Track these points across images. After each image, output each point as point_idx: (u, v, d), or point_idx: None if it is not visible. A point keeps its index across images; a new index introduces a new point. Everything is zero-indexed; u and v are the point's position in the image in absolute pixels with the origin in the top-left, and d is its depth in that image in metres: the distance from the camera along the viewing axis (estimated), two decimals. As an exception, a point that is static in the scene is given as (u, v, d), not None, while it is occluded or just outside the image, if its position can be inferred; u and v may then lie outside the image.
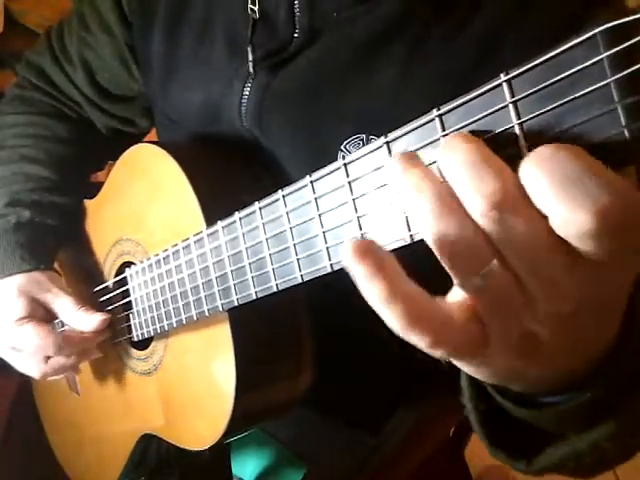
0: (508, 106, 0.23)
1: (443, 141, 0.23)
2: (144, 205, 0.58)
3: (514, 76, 0.22)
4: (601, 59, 0.20)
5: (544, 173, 0.20)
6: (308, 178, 0.32)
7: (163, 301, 0.51)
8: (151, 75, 0.62)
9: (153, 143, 0.57)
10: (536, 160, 0.20)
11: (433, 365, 0.28)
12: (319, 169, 0.32)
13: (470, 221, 0.22)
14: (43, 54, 0.71)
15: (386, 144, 0.27)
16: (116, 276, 0.63)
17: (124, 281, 0.59)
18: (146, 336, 0.58)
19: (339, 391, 0.67)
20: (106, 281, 0.64)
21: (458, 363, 0.25)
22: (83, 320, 0.58)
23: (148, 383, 0.61)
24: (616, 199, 0.19)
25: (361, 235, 0.30)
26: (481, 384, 0.31)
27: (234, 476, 0.75)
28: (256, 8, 0.50)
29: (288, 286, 0.36)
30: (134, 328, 0.59)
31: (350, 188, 0.30)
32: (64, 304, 0.60)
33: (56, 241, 0.67)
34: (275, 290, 0.37)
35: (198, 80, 0.57)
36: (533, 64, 0.22)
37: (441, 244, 0.22)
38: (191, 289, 0.47)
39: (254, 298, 0.40)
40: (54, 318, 0.61)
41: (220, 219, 0.42)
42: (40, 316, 0.60)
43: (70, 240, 0.69)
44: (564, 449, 0.30)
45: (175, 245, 0.48)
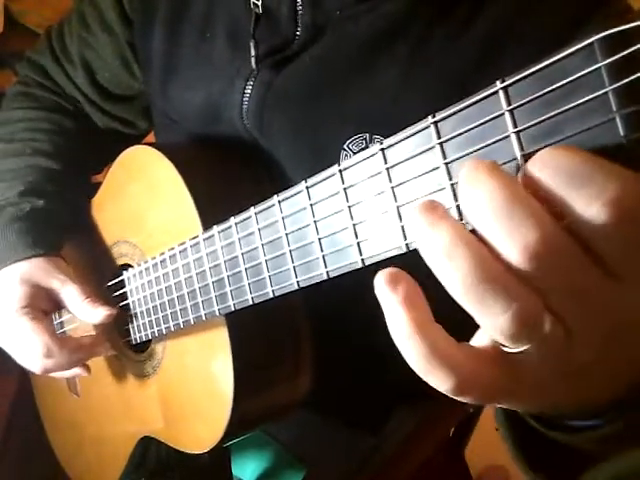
0: (504, 114, 0.22)
1: (463, 170, 0.21)
2: (141, 208, 0.58)
3: (510, 84, 0.22)
4: (599, 67, 0.19)
5: (549, 176, 0.19)
6: (304, 184, 0.32)
7: (160, 304, 0.51)
8: (151, 74, 0.62)
9: (150, 145, 0.56)
10: (538, 165, 0.20)
11: None
12: (320, 170, 0.31)
13: (519, 285, 0.19)
14: (44, 54, 0.71)
15: (381, 151, 0.27)
16: (114, 278, 0.62)
17: (122, 283, 0.59)
18: (144, 339, 0.58)
19: (339, 392, 0.67)
20: (105, 282, 0.64)
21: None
22: (88, 311, 0.57)
23: (147, 385, 0.61)
24: (623, 184, 0.18)
25: (357, 244, 0.29)
26: (515, 413, 0.30)
27: (234, 477, 0.75)
28: (259, 3, 0.50)
29: (284, 292, 0.36)
30: (132, 331, 0.59)
31: (346, 195, 0.29)
32: (71, 292, 0.58)
33: (64, 231, 0.66)
34: (271, 296, 0.37)
35: (199, 79, 0.56)
36: (530, 72, 0.21)
37: (489, 317, 0.20)
38: (188, 293, 0.46)
39: (251, 304, 0.39)
40: (58, 307, 0.60)
41: (217, 223, 0.41)
42: (41, 306, 0.59)
43: (76, 234, 0.69)
44: (608, 470, 0.28)
45: (172, 249, 0.48)
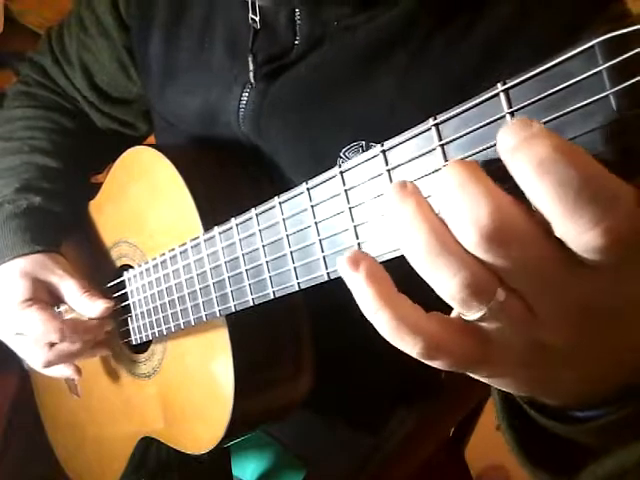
0: (505, 116, 0.22)
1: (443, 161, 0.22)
2: (142, 208, 0.58)
3: (511, 86, 0.22)
4: (600, 70, 0.19)
5: (549, 184, 0.18)
6: (304, 185, 0.32)
7: (161, 305, 0.51)
8: (149, 78, 0.62)
9: (151, 146, 0.56)
10: (536, 168, 0.18)
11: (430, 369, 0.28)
12: (317, 175, 0.31)
13: (467, 255, 0.21)
14: (44, 54, 0.71)
15: (382, 152, 0.27)
16: (115, 278, 0.62)
17: (122, 284, 0.59)
18: (144, 340, 0.58)
19: (339, 392, 0.67)
20: (105, 283, 0.64)
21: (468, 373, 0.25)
22: (87, 305, 0.57)
23: (147, 386, 0.61)
24: (624, 212, 0.18)
25: (358, 245, 0.29)
26: (514, 401, 0.30)
27: (234, 477, 0.75)
28: (257, 18, 0.50)
29: (285, 293, 0.36)
30: (132, 332, 0.59)
31: (347, 196, 0.29)
32: (69, 286, 0.59)
33: (63, 228, 0.66)
34: (272, 297, 0.37)
35: (197, 84, 0.56)
36: (531, 74, 0.21)
37: (440, 284, 0.21)
38: (189, 294, 0.46)
39: (251, 305, 0.40)
40: (58, 302, 0.61)
41: (217, 224, 0.41)
42: (44, 299, 0.59)
43: (76, 233, 0.69)
44: (609, 464, 0.28)
45: (172, 249, 0.48)
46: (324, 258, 0.32)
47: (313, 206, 0.32)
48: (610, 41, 0.19)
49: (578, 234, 0.19)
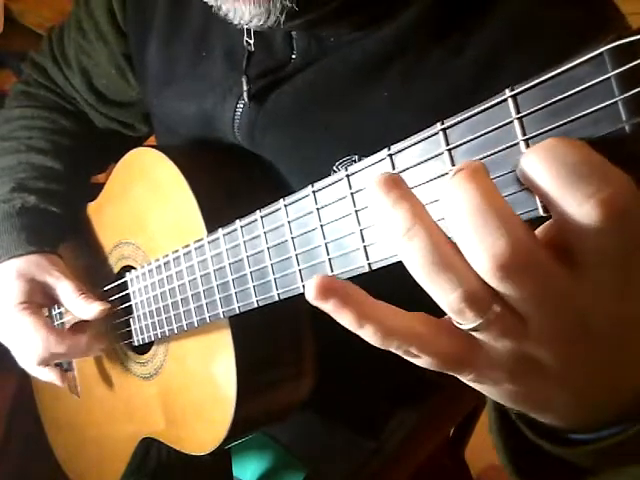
0: (513, 122, 0.22)
1: (450, 173, 0.21)
2: (144, 209, 0.58)
3: (520, 92, 0.22)
4: (609, 77, 0.20)
5: (548, 166, 0.19)
6: (310, 188, 0.32)
7: (164, 307, 0.51)
8: (147, 84, 0.62)
9: (153, 147, 0.56)
10: (541, 153, 0.20)
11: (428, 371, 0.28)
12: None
13: (471, 274, 0.21)
14: (45, 55, 0.71)
15: (389, 156, 0.27)
16: (116, 279, 0.62)
17: (124, 285, 0.59)
18: (147, 341, 0.58)
19: (339, 394, 0.67)
20: (106, 284, 0.64)
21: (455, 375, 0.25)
22: (83, 307, 0.57)
23: (148, 387, 0.61)
24: (619, 187, 0.18)
25: (364, 247, 0.29)
26: (510, 420, 0.30)
27: (235, 478, 0.75)
28: (252, 41, 0.50)
29: (290, 296, 0.36)
30: (134, 333, 0.59)
31: (353, 200, 0.30)
32: (65, 288, 0.59)
33: (60, 229, 0.66)
34: (277, 299, 0.37)
35: (193, 91, 0.56)
36: (539, 80, 0.21)
37: (439, 295, 0.21)
38: (192, 296, 0.46)
39: (255, 307, 0.40)
40: (53, 303, 0.61)
41: (221, 226, 0.41)
42: (38, 301, 0.59)
43: (72, 232, 0.69)
44: None
45: (176, 251, 0.48)
46: (329, 261, 0.32)
47: (319, 209, 0.32)
48: (619, 48, 0.19)
49: (577, 205, 0.19)
